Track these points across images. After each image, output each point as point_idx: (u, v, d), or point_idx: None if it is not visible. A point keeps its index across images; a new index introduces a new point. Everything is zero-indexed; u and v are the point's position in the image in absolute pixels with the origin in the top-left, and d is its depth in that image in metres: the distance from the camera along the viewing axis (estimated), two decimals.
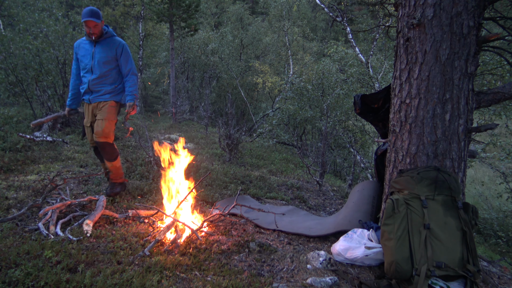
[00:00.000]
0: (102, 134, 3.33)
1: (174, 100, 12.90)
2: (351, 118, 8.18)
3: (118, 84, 3.45)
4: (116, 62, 3.40)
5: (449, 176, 2.26)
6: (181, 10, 12.49)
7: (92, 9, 3.23)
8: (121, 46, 3.39)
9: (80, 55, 3.41)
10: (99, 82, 3.37)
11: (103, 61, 3.33)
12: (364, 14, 9.95)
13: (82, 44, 3.42)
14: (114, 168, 3.54)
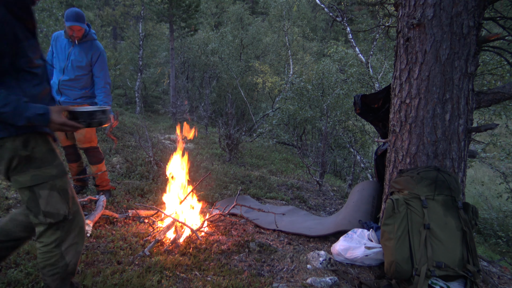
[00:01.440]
0: (85, 140, 3.33)
1: (174, 100, 12.91)
2: (351, 118, 8.19)
3: (89, 90, 3.30)
4: (90, 67, 3.24)
5: (449, 176, 2.26)
6: (181, 10, 12.50)
7: (77, 12, 3.06)
8: (98, 53, 3.21)
9: (56, 50, 3.23)
10: (69, 86, 3.22)
11: (77, 64, 3.18)
12: (364, 14, 9.95)
13: (60, 39, 3.23)
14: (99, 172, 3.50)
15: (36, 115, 1.41)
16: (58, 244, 1.57)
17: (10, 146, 1.45)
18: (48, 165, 1.53)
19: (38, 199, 1.50)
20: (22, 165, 1.48)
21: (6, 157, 1.45)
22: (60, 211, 1.55)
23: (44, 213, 1.52)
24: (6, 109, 1.35)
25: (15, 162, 1.47)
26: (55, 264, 1.57)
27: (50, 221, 1.53)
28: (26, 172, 1.48)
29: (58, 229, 1.56)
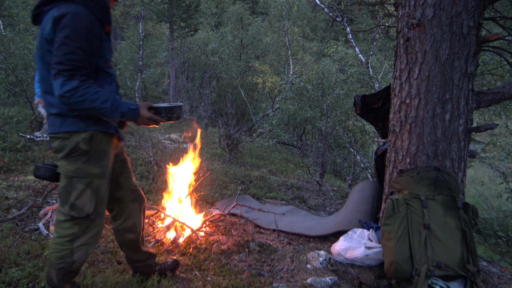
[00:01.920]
0: None
1: (174, 100, 12.90)
2: (351, 118, 8.18)
3: None
4: None
5: (449, 176, 2.26)
6: (181, 10, 12.50)
7: None
8: None
9: None
10: None
11: None
12: (364, 14, 9.95)
13: None
14: None
15: (129, 110, 1.59)
16: (71, 240, 1.60)
17: (75, 139, 1.56)
18: (94, 164, 1.61)
19: (71, 190, 1.58)
20: (75, 156, 1.58)
21: (68, 148, 1.57)
22: (85, 208, 1.60)
23: (71, 205, 1.58)
24: (106, 105, 1.51)
25: (73, 153, 1.57)
26: (63, 258, 1.60)
27: (73, 215, 1.59)
28: (74, 163, 1.58)
29: (77, 224, 1.61)
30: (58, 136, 1.57)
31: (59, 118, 1.56)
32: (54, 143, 1.59)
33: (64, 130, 1.55)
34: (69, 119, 1.55)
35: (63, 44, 1.45)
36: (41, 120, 6.43)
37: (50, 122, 1.60)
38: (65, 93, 1.44)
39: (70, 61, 1.45)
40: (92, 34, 1.51)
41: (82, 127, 1.56)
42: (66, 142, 1.56)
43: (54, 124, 1.57)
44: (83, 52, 1.48)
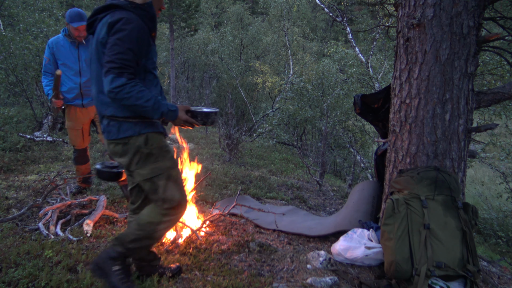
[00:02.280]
0: None
1: (174, 100, 12.91)
2: (351, 118, 8.19)
3: None
4: None
5: (449, 176, 2.26)
6: (181, 10, 12.51)
7: (80, 12, 3.02)
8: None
9: (61, 56, 3.16)
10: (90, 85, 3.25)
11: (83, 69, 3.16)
12: (364, 14, 9.96)
13: (60, 44, 3.14)
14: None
15: (168, 111, 1.71)
16: (159, 223, 1.78)
17: (134, 143, 1.71)
18: (163, 159, 1.77)
19: (157, 188, 1.75)
20: (142, 160, 1.73)
21: (131, 153, 1.72)
22: (175, 197, 1.78)
23: (163, 200, 1.76)
24: (148, 104, 1.63)
25: (137, 157, 1.73)
26: (150, 224, 1.78)
27: (167, 207, 1.77)
28: (146, 166, 1.74)
29: (170, 210, 1.79)
30: (117, 142, 1.73)
31: (115, 124, 1.71)
32: (114, 148, 1.75)
33: (121, 136, 1.71)
34: (124, 124, 1.71)
35: (114, 44, 1.60)
36: (41, 120, 6.43)
37: (105, 128, 1.75)
38: (114, 88, 1.56)
39: (120, 60, 1.58)
40: (142, 37, 1.66)
41: (137, 131, 1.71)
42: (127, 147, 1.72)
43: (111, 131, 1.73)
44: (132, 53, 1.62)
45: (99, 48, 1.69)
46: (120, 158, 1.77)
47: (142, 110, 1.64)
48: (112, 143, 1.75)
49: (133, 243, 1.79)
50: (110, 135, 1.74)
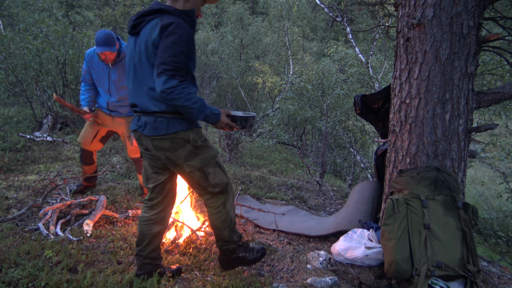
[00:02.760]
0: (137, 150, 3.34)
1: None
2: (351, 118, 8.18)
3: None
4: None
5: (449, 176, 2.26)
6: None
7: (107, 35, 2.87)
8: None
9: (94, 71, 3.15)
10: (118, 105, 3.20)
11: (120, 85, 3.12)
12: (364, 14, 9.96)
13: (95, 60, 3.13)
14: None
15: (212, 114, 1.82)
16: (224, 205, 2.03)
17: (181, 138, 1.85)
18: (208, 149, 1.95)
19: (207, 176, 1.94)
20: (191, 152, 1.88)
21: (179, 147, 1.86)
22: (223, 180, 1.99)
23: (213, 185, 1.96)
24: (195, 106, 1.74)
25: (186, 151, 1.87)
26: (225, 220, 2.04)
27: (218, 190, 1.98)
28: (196, 157, 1.90)
29: (222, 193, 2.01)
30: (165, 138, 1.84)
31: (163, 121, 1.82)
32: (161, 143, 1.85)
33: (171, 131, 1.82)
34: (173, 120, 1.82)
35: (168, 48, 1.71)
36: (40, 121, 6.44)
37: (152, 124, 1.83)
38: (166, 89, 1.67)
39: (173, 62, 1.70)
40: (190, 41, 1.78)
41: (185, 126, 1.85)
42: (175, 142, 1.84)
43: (159, 127, 1.82)
44: (183, 56, 1.74)
45: (150, 48, 1.78)
46: (166, 152, 1.86)
47: (189, 111, 1.74)
48: (158, 139, 1.84)
49: (232, 234, 2.10)
50: (158, 131, 1.82)
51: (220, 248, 2.15)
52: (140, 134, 1.91)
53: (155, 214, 2.07)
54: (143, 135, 1.88)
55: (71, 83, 7.09)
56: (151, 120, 1.84)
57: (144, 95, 1.86)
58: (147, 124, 1.85)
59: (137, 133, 1.94)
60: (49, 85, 6.98)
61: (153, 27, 1.78)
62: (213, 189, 1.97)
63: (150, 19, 1.83)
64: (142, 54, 1.83)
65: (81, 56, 7.18)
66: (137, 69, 1.88)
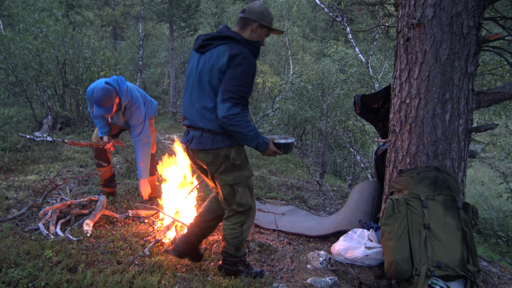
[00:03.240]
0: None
1: (174, 100, 12.90)
2: (351, 118, 8.18)
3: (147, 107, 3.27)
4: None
5: (449, 176, 2.26)
6: (181, 10, 12.50)
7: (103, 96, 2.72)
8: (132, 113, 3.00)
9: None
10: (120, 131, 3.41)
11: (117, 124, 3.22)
12: (364, 14, 9.94)
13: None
14: (152, 183, 3.47)
15: (263, 143, 1.95)
16: (241, 225, 2.12)
17: (224, 154, 1.97)
18: (244, 169, 2.06)
19: (235, 194, 2.03)
20: (228, 168, 2.00)
21: (219, 162, 1.98)
22: (248, 202, 2.08)
23: (238, 204, 2.06)
24: (250, 134, 1.89)
25: (224, 166, 1.99)
26: (237, 238, 2.13)
27: (241, 210, 2.08)
28: (230, 173, 2.00)
29: (243, 214, 2.11)
30: (209, 152, 1.97)
31: (209, 136, 1.95)
32: (205, 157, 2.00)
33: (214, 147, 1.95)
34: (218, 137, 1.94)
35: (235, 77, 1.85)
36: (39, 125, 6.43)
37: (198, 139, 1.97)
38: (229, 115, 1.82)
39: (239, 92, 1.85)
40: (254, 72, 1.92)
41: (228, 143, 1.95)
42: (218, 157, 1.97)
43: (204, 141, 1.96)
44: (247, 86, 1.89)
45: (215, 72, 1.91)
46: (208, 166, 2.02)
47: (243, 137, 1.89)
48: (203, 152, 1.99)
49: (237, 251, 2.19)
50: (203, 145, 1.97)
51: (224, 256, 2.24)
52: (187, 147, 2.08)
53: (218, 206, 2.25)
54: (190, 148, 2.04)
55: (71, 83, 7.09)
56: (197, 134, 1.98)
57: (195, 111, 1.99)
58: (194, 138, 1.99)
59: (185, 145, 2.09)
60: (49, 85, 6.98)
61: (221, 53, 1.91)
62: (237, 208, 2.07)
63: (218, 43, 1.95)
64: (204, 74, 1.96)
65: (81, 56, 7.19)
66: (194, 87, 2.01)
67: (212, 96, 1.93)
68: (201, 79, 1.98)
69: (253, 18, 2.00)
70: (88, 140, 5.58)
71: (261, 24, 2.02)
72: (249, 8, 2.02)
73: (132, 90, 3.06)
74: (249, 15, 2.00)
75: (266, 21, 2.03)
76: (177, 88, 14.32)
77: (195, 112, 1.99)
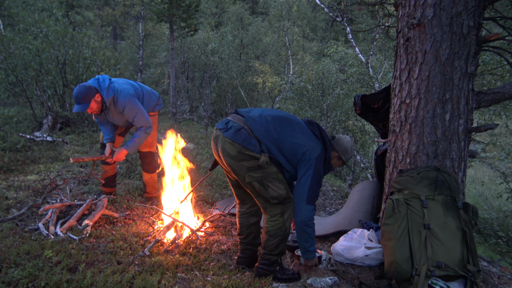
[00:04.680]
0: (146, 144, 3.35)
1: (174, 100, 12.89)
2: (351, 118, 8.18)
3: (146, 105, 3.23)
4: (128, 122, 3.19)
5: (449, 176, 2.26)
6: (181, 10, 12.49)
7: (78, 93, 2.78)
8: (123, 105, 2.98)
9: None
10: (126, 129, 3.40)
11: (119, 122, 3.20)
12: (364, 14, 9.94)
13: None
14: (151, 181, 3.53)
15: (314, 255, 2.27)
16: (281, 215, 2.15)
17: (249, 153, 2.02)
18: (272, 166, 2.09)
19: (267, 188, 2.09)
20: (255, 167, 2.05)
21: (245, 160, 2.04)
22: (282, 194, 2.12)
23: (272, 197, 2.11)
24: (311, 248, 2.23)
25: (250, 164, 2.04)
26: (280, 228, 2.16)
27: (275, 202, 2.13)
28: (258, 170, 2.05)
29: (280, 204, 2.14)
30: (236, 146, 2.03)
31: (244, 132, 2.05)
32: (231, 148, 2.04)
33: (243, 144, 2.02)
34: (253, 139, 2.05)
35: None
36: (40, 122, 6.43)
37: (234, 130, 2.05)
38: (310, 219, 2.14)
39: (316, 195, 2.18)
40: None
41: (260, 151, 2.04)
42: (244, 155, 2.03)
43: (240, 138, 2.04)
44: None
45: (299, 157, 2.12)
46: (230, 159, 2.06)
47: (307, 245, 2.19)
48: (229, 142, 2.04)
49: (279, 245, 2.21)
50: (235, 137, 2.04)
51: (262, 256, 2.24)
52: (219, 134, 2.09)
53: (249, 208, 2.35)
54: (222, 135, 2.07)
55: (71, 83, 7.09)
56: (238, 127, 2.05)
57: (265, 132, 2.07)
58: (231, 129, 2.06)
59: (218, 131, 2.12)
60: (49, 85, 6.98)
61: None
62: (272, 200, 2.12)
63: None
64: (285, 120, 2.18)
65: (81, 56, 7.19)
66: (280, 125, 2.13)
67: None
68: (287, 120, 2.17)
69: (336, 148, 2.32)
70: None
71: (339, 156, 2.34)
72: (339, 139, 2.34)
73: (118, 84, 3.04)
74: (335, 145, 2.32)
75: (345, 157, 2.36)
76: (177, 88, 14.30)
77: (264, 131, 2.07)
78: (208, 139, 9.26)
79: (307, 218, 2.09)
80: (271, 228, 2.17)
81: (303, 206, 2.08)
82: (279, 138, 2.07)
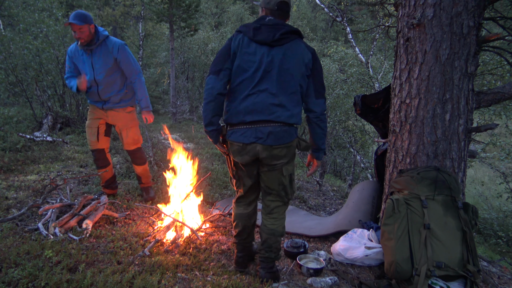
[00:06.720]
0: (133, 142, 3.37)
1: (174, 100, 12.89)
2: (351, 118, 8.18)
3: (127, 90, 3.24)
4: (118, 66, 3.12)
5: (449, 176, 2.26)
6: (181, 10, 12.49)
7: (77, 12, 2.91)
8: (117, 47, 3.03)
9: (79, 63, 3.11)
10: (108, 92, 3.15)
11: (104, 69, 3.07)
12: (364, 14, 9.94)
13: (76, 53, 3.09)
14: (145, 172, 3.58)
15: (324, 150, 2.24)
16: (284, 216, 2.23)
17: (293, 145, 2.04)
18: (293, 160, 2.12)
19: (292, 182, 2.13)
20: (291, 159, 2.07)
21: (290, 153, 2.05)
22: (295, 192, 2.20)
23: (292, 192, 2.16)
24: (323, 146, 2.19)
25: (291, 156, 2.06)
26: (284, 227, 2.23)
27: (290, 198, 2.18)
28: (291, 164, 2.09)
29: (286, 204, 2.21)
30: (284, 146, 1.99)
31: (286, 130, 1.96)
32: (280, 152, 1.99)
33: (289, 140, 1.99)
34: (291, 129, 2.00)
35: (321, 72, 2.06)
36: (41, 120, 6.43)
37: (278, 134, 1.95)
38: (324, 111, 2.04)
39: (324, 88, 2.06)
40: None
41: (295, 135, 2.04)
42: (289, 149, 2.02)
43: (283, 136, 1.96)
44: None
45: (303, 67, 1.98)
46: (280, 160, 2.02)
47: (324, 132, 2.11)
48: (279, 147, 1.98)
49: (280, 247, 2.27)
50: (283, 140, 1.97)
51: (266, 258, 2.22)
52: (256, 145, 1.96)
53: (252, 209, 2.33)
54: (263, 145, 1.95)
55: None
56: (277, 129, 1.94)
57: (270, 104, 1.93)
58: (271, 134, 1.94)
59: (252, 145, 1.96)
60: (49, 85, 6.97)
61: (302, 49, 2.00)
62: (291, 196, 2.16)
63: (292, 38, 2.01)
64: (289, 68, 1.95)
65: None
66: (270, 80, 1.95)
67: (296, 90, 1.96)
68: (283, 73, 1.95)
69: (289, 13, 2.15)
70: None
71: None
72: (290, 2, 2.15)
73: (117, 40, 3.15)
74: (289, 9, 2.13)
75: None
76: (177, 88, 14.31)
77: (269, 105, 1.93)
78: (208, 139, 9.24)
79: (322, 111, 2.05)
80: (279, 227, 2.19)
81: (313, 100, 2.04)
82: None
